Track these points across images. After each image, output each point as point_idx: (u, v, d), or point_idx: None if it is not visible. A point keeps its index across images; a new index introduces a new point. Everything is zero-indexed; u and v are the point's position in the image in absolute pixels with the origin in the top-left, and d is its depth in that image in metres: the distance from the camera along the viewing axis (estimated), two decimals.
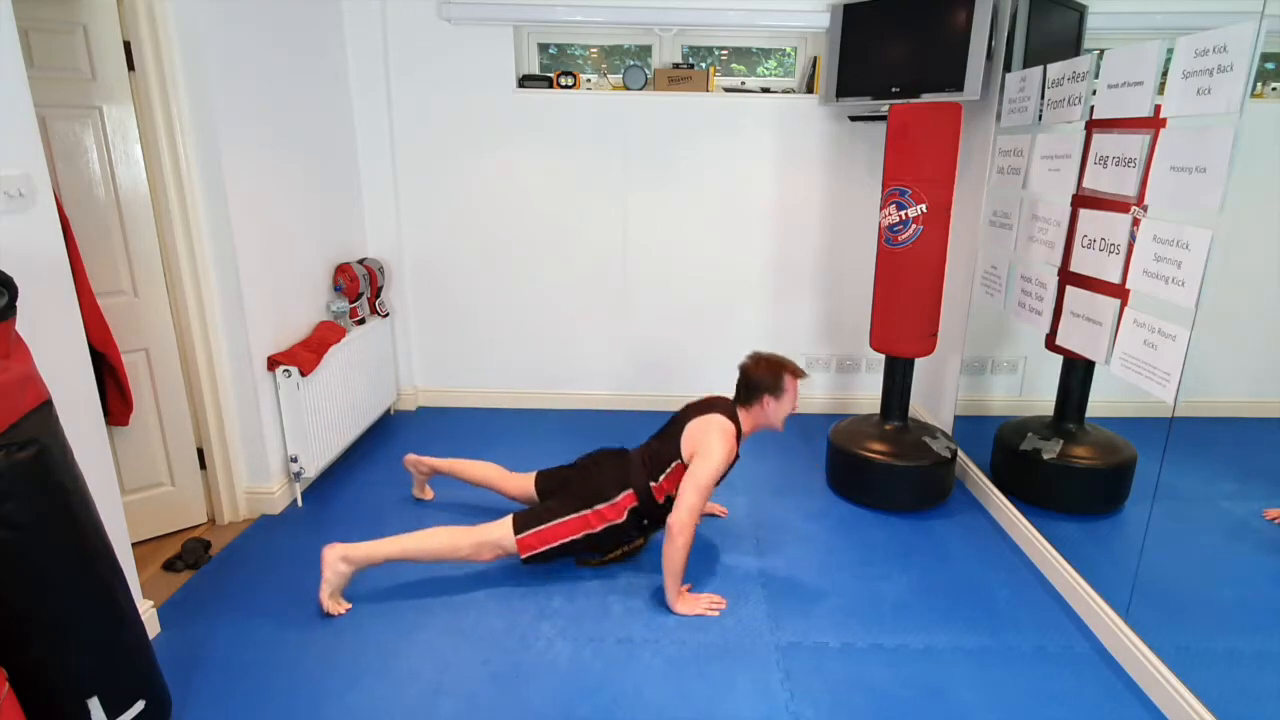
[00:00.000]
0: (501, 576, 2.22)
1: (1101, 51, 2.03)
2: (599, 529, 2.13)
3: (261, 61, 2.48)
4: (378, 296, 3.25)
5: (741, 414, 2.21)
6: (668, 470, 2.15)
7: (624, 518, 2.15)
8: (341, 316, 3.00)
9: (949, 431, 3.01)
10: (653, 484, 2.16)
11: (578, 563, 2.28)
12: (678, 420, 2.24)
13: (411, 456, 2.63)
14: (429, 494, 2.70)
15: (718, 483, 2.12)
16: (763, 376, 2.18)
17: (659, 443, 2.23)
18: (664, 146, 3.25)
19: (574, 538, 2.12)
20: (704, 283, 3.43)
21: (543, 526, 2.10)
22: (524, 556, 2.10)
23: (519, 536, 2.09)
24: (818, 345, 3.52)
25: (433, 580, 2.20)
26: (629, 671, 1.84)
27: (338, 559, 2.02)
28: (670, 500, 2.12)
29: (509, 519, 2.12)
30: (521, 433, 3.32)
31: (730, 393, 2.28)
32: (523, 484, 2.41)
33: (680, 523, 1.98)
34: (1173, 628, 1.88)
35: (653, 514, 2.18)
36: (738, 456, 2.19)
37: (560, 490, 2.24)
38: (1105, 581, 2.03)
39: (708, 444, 2.08)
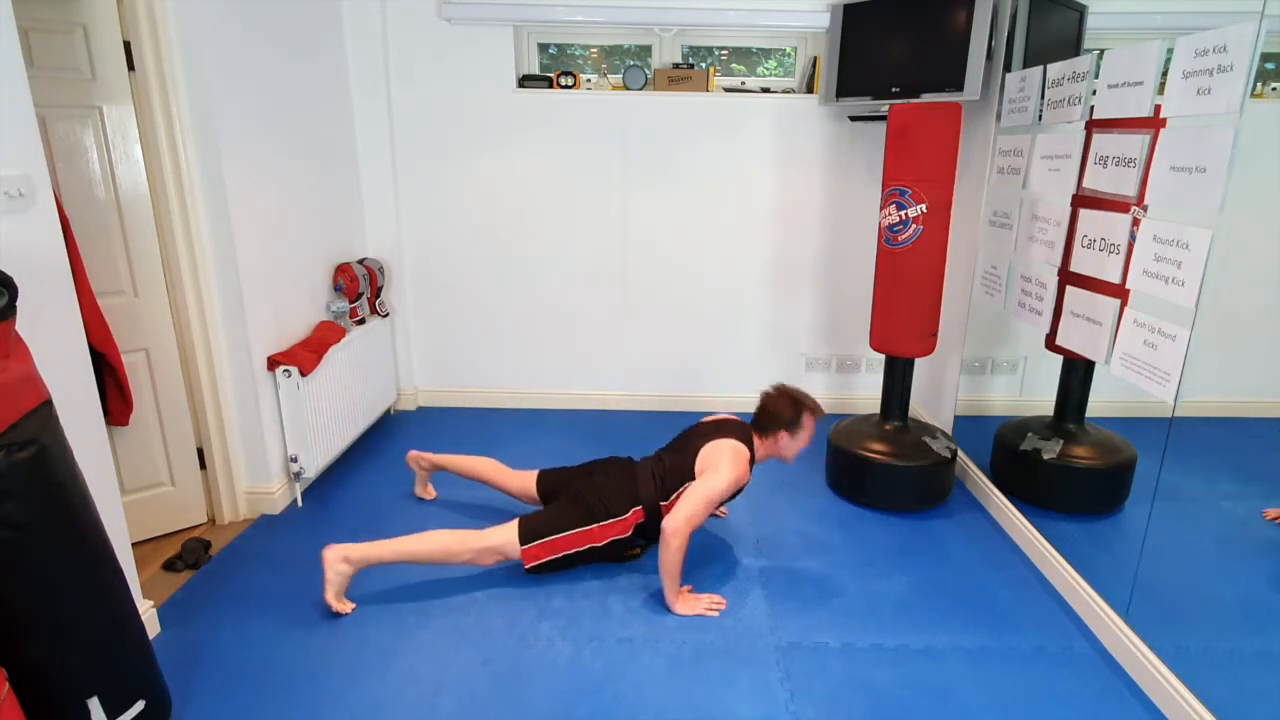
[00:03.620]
0: (501, 576, 2.22)
1: (1101, 51, 2.03)
2: (603, 543, 2.14)
3: (261, 61, 2.48)
4: (378, 296, 3.25)
5: (757, 441, 2.21)
6: (677, 491, 2.15)
7: (630, 533, 2.16)
8: (341, 316, 3.00)
9: (949, 431, 3.01)
10: (662, 503, 2.16)
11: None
12: (692, 438, 2.24)
13: (414, 453, 2.63)
14: (431, 493, 2.70)
15: (723, 503, 2.13)
16: (783, 410, 2.18)
17: (671, 459, 2.22)
18: (664, 146, 3.25)
19: (578, 549, 2.13)
20: (704, 282, 3.43)
21: (549, 538, 2.11)
22: (528, 566, 2.11)
23: (525, 546, 2.09)
24: (818, 345, 3.52)
25: (433, 580, 2.20)
26: (629, 671, 1.84)
27: (339, 559, 2.03)
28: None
29: (514, 525, 2.12)
30: (522, 432, 3.32)
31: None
32: (523, 481, 2.41)
33: (675, 528, 1.97)
34: (1173, 628, 1.88)
35: (657, 530, 2.16)
36: (748, 481, 2.19)
37: (565, 498, 2.23)
38: (1105, 581, 2.03)
39: (718, 463, 2.08)
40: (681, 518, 1.98)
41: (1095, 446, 2.47)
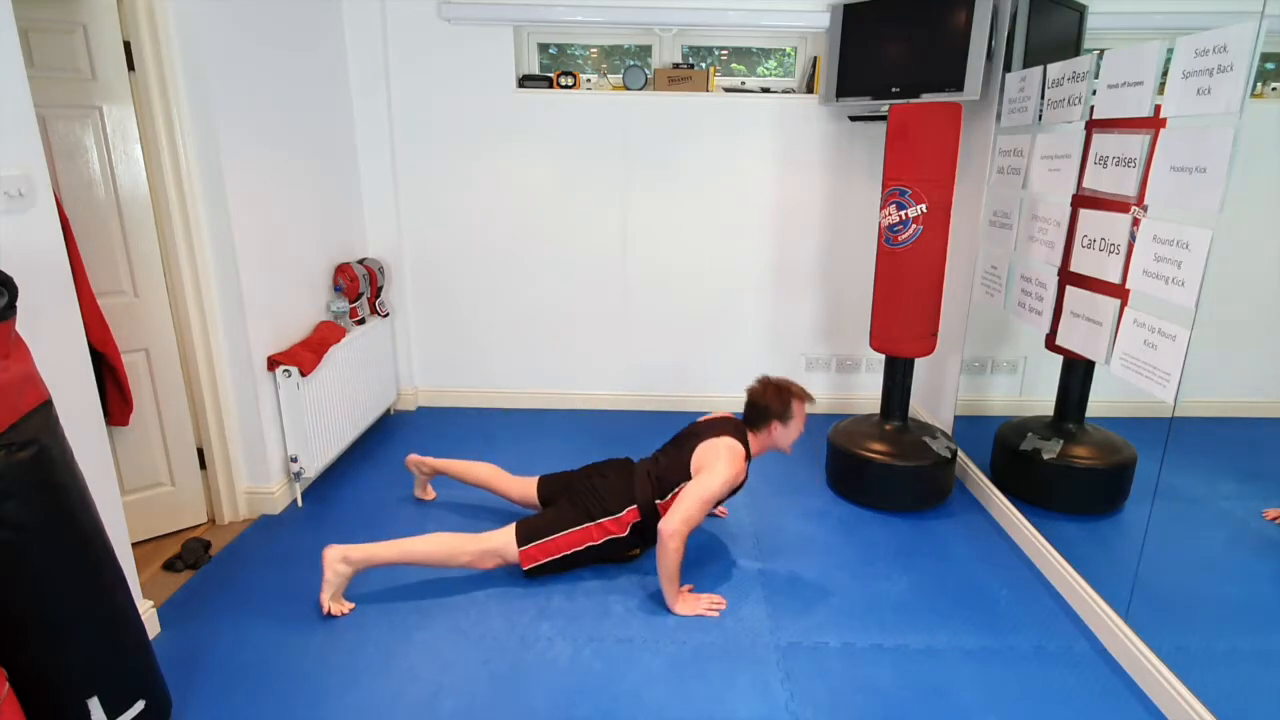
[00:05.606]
0: (501, 577, 2.22)
1: (1101, 51, 2.03)
2: (600, 541, 2.15)
3: (261, 61, 2.48)
4: (378, 296, 3.25)
5: (750, 437, 2.22)
6: (674, 490, 2.15)
7: (626, 532, 2.16)
8: (341, 316, 3.00)
9: (949, 431, 3.01)
10: (659, 501, 2.16)
11: None
12: (687, 438, 2.24)
13: (413, 457, 2.63)
14: (430, 494, 2.70)
15: (720, 501, 2.13)
16: (770, 402, 2.20)
17: (667, 459, 2.23)
18: (664, 146, 3.25)
19: (576, 549, 2.13)
20: (704, 282, 3.43)
21: (546, 539, 2.11)
22: (526, 568, 2.12)
23: (522, 548, 2.10)
24: (818, 345, 3.52)
25: (433, 581, 2.20)
26: (629, 671, 1.84)
27: (338, 559, 2.03)
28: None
29: (512, 528, 2.12)
30: (521, 433, 3.32)
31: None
32: (523, 487, 2.42)
33: (672, 529, 1.97)
34: (1173, 628, 1.88)
35: (654, 531, 2.16)
36: (745, 479, 2.19)
37: (563, 498, 2.23)
38: (1105, 581, 2.03)
39: (713, 462, 2.09)
40: (678, 519, 1.98)
41: (1095, 446, 2.47)
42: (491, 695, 1.75)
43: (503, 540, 2.10)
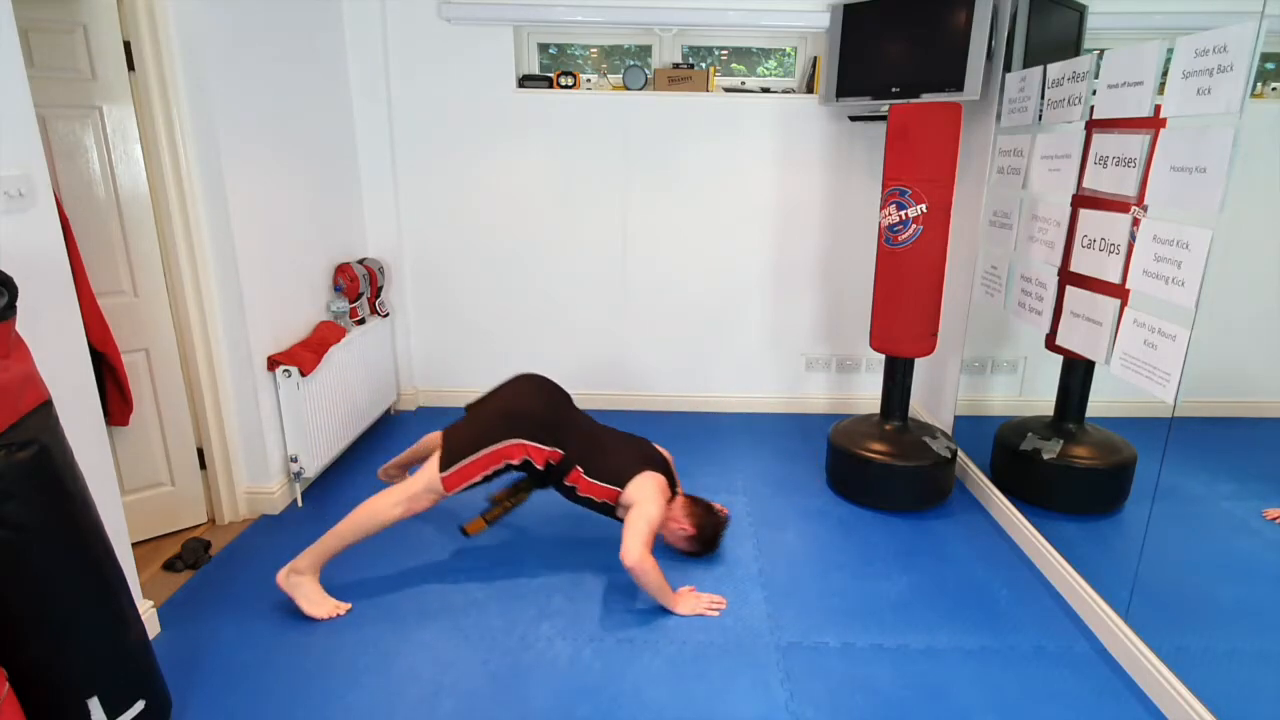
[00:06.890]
0: (501, 577, 2.22)
1: (1101, 51, 2.03)
2: (518, 461, 2.09)
3: (261, 61, 2.48)
4: (378, 296, 3.25)
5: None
6: (600, 481, 2.14)
7: (543, 466, 2.11)
8: (341, 316, 3.00)
9: (949, 431, 3.01)
10: (579, 468, 2.14)
11: (465, 530, 2.24)
12: (638, 450, 2.25)
13: (382, 470, 2.63)
14: None
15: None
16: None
17: (615, 449, 2.21)
18: (664, 147, 3.25)
19: (495, 468, 2.07)
20: (704, 282, 3.43)
21: (466, 461, 2.04)
22: (450, 492, 2.04)
23: (443, 474, 2.03)
24: (818, 345, 3.52)
25: (433, 580, 2.20)
26: (629, 671, 1.84)
27: (288, 576, 2.04)
28: (575, 490, 2.15)
29: (435, 460, 2.06)
30: None
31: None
32: None
33: (636, 562, 1.96)
34: (1173, 628, 1.88)
35: (559, 483, 2.16)
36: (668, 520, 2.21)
37: (489, 409, 2.18)
38: (1105, 581, 2.03)
39: (648, 497, 2.09)
40: (637, 548, 1.97)
41: (1095, 446, 2.47)
42: (491, 695, 1.75)
43: (427, 477, 2.04)
